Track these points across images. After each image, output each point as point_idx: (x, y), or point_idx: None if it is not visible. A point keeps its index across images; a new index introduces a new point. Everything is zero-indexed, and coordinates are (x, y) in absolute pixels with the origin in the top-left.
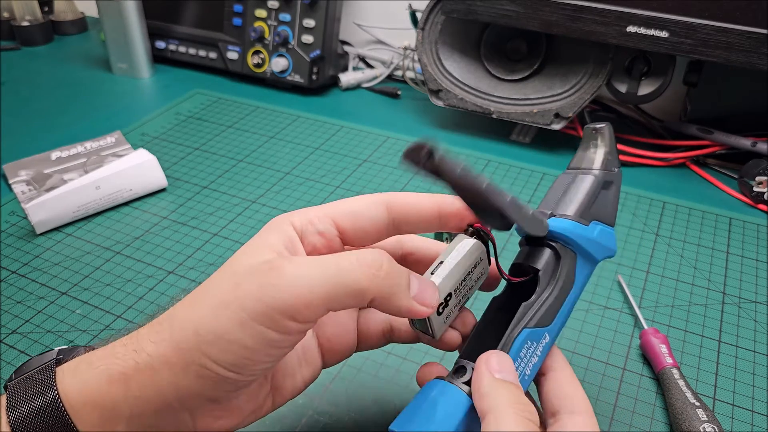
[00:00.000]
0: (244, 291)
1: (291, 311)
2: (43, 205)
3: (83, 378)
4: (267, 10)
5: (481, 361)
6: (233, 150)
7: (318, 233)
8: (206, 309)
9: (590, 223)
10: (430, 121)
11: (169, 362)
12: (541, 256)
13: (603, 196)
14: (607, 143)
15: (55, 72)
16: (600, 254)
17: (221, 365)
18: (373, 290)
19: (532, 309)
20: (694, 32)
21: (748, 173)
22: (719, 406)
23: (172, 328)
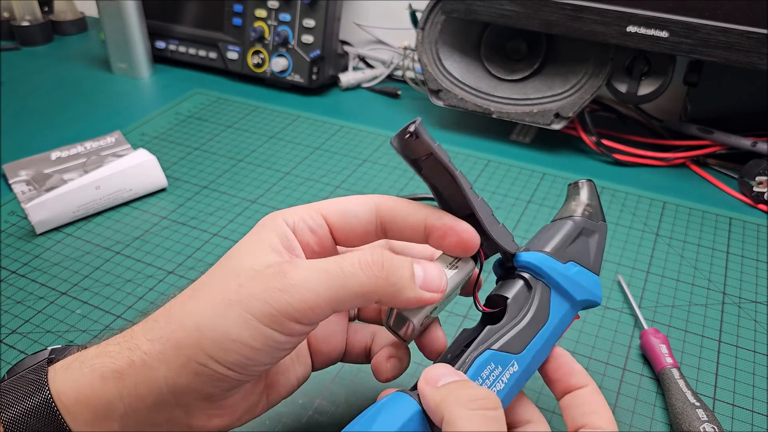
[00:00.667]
0: (248, 292)
1: (297, 315)
2: (43, 205)
3: (75, 377)
4: (267, 10)
5: (421, 382)
6: (233, 150)
7: (310, 230)
8: (208, 307)
9: (567, 262)
10: (430, 121)
11: (167, 359)
12: (512, 286)
13: (583, 242)
14: (587, 197)
15: (55, 72)
16: (580, 294)
17: (222, 364)
18: (378, 291)
19: (498, 333)
20: (694, 32)
21: (748, 173)
22: (719, 406)
23: (170, 325)
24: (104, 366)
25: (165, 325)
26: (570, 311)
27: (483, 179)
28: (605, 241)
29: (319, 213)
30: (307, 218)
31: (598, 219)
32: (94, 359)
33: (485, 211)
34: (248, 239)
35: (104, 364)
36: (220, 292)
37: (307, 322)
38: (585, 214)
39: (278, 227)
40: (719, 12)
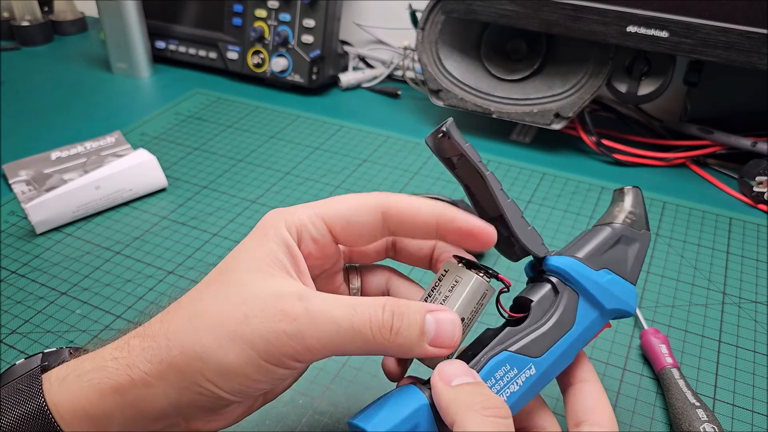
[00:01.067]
0: (253, 329)
1: (300, 357)
2: (43, 205)
3: (72, 390)
4: (267, 10)
5: (434, 377)
6: (233, 150)
7: (313, 240)
8: (210, 337)
9: (600, 269)
10: (430, 120)
11: (168, 380)
12: (539, 290)
13: (621, 249)
14: (631, 204)
15: (55, 72)
16: (610, 302)
17: (224, 390)
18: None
19: (518, 335)
20: (695, 32)
21: (748, 173)
22: (719, 406)
23: (171, 350)
24: (102, 382)
25: (165, 347)
26: (599, 319)
27: None
28: (646, 251)
29: (322, 220)
30: (310, 227)
31: (641, 228)
32: (91, 373)
33: (515, 213)
34: (252, 248)
35: (102, 380)
36: (224, 321)
37: (309, 361)
38: (627, 221)
39: (283, 237)
40: (719, 12)
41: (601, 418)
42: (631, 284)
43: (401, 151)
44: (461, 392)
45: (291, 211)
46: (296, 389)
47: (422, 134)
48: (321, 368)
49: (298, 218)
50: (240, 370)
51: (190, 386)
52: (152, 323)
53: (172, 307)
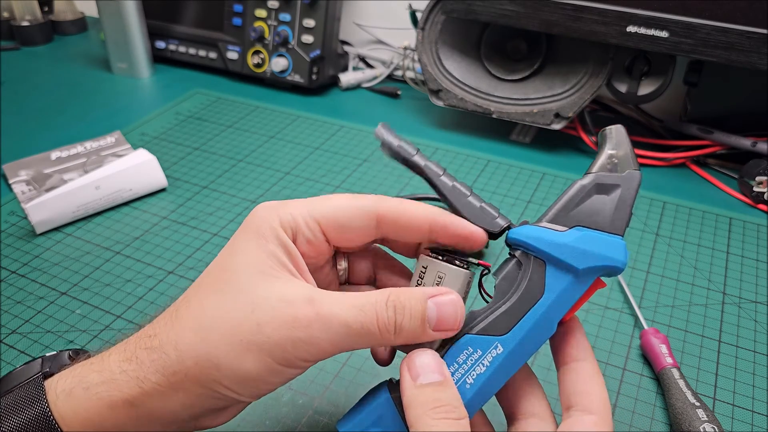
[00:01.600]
0: (268, 338)
1: (313, 359)
2: (43, 205)
3: (80, 403)
4: (267, 9)
5: (403, 367)
6: (233, 150)
7: (307, 242)
8: (224, 348)
9: (571, 228)
10: (430, 121)
11: (184, 389)
12: (503, 267)
13: (596, 200)
14: (614, 144)
15: (55, 72)
16: (583, 262)
17: (240, 394)
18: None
19: (481, 316)
20: (695, 32)
21: (748, 173)
22: (719, 406)
23: (183, 362)
24: (112, 395)
25: (176, 360)
26: (575, 283)
27: (483, 179)
28: (635, 193)
29: (316, 222)
30: (305, 229)
31: (626, 168)
32: (99, 386)
33: (459, 196)
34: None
35: (112, 394)
36: (236, 330)
37: (318, 360)
38: (607, 167)
39: (280, 238)
40: (719, 12)
41: (592, 402)
42: (614, 235)
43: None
44: (423, 395)
45: (284, 208)
46: (296, 389)
47: (422, 134)
48: (321, 368)
49: (293, 218)
50: (257, 376)
51: (208, 393)
52: (158, 333)
53: (175, 313)
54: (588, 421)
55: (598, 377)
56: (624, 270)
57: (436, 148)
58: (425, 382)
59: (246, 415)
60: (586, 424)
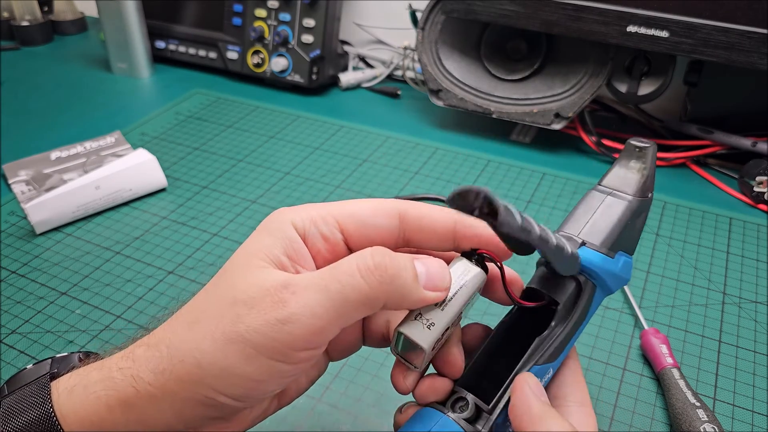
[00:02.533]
0: (248, 326)
1: (302, 343)
2: (43, 205)
3: (80, 401)
4: (267, 9)
5: (523, 383)
6: (233, 150)
7: (322, 237)
8: (208, 341)
9: (616, 254)
10: (430, 121)
11: (171, 392)
12: (564, 289)
13: (632, 225)
14: (649, 166)
15: (55, 72)
16: (616, 286)
17: (228, 396)
18: (382, 297)
19: (544, 344)
20: (695, 32)
21: (748, 173)
22: (719, 406)
23: (172, 358)
24: (109, 395)
25: (167, 357)
26: (601, 299)
27: (483, 179)
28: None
29: (335, 218)
30: (320, 223)
31: (648, 192)
32: (97, 384)
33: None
34: (248, 245)
35: (109, 392)
36: (219, 324)
37: (314, 347)
38: (641, 190)
39: (284, 232)
40: (719, 12)
41: (583, 396)
42: (629, 257)
43: (401, 151)
44: (552, 414)
45: (301, 207)
46: None
47: (422, 134)
48: None
49: (307, 214)
50: (241, 372)
51: (194, 396)
52: (157, 330)
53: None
54: (583, 412)
55: (581, 372)
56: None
57: (435, 148)
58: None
59: None
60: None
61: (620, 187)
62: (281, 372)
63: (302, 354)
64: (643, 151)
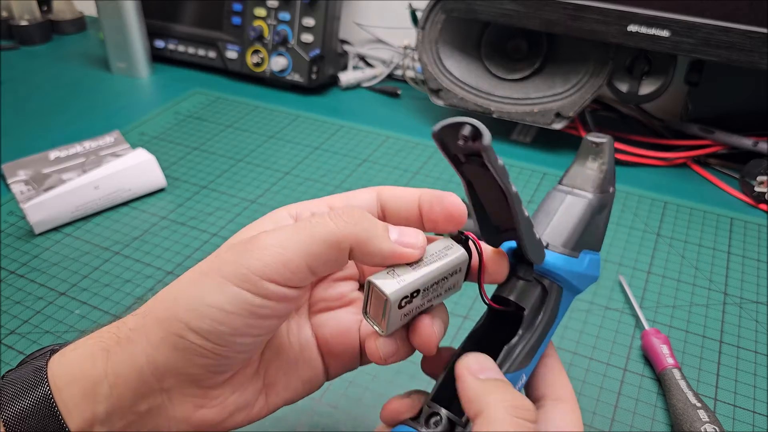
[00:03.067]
0: (222, 259)
1: (269, 272)
2: (42, 205)
3: (69, 358)
4: (266, 9)
5: (461, 367)
6: (232, 150)
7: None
8: (185, 279)
9: (580, 254)
10: (431, 120)
11: (146, 332)
12: (530, 294)
13: (595, 222)
14: (607, 161)
15: (54, 71)
16: (584, 285)
17: (198, 333)
18: (350, 238)
19: (513, 352)
20: (696, 31)
21: (749, 173)
22: (720, 406)
23: (153, 301)
24: (94, 345)
25: (150, 305)
26: (570, 301)
27: None
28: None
29: (326, 204)
30: (312, 207)
31: (609, 187)
32: (87, 341)
33: (528, 227)
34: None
35: (94, 344)
36: (199, 266)
37: (282, 281)
38: (601, 186)
39: (277, 215)
40: (720, 11)
41: (563, 392)
42: (598, 253)
43: (401, 151)
44: (491, 386)
45: (296, 203)
46: None
47: (422, 134)
48: None
49: (303, 206)
50: (211, 300)
51: (167, 336)
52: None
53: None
54: (563, 408)
55: (563, 370)
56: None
57: (436, 148)
58: (489, 377)
59: None
60: (560, 411)
61: (580, 185)
62: (252, 305)
63: (270, 285)
64: (600, 147)
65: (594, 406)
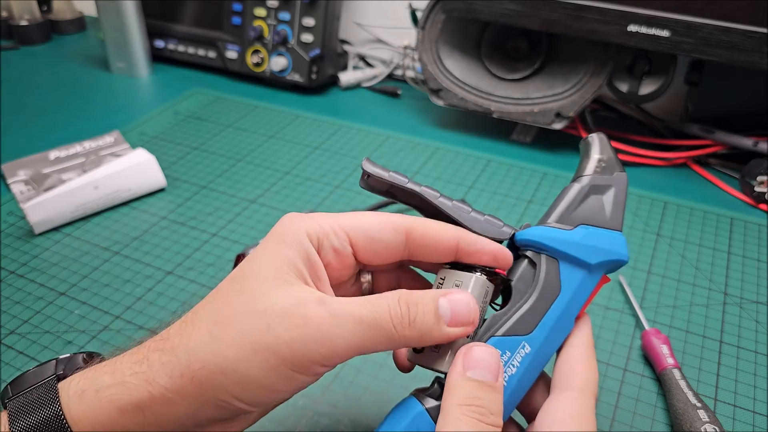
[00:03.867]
0: (277, 337)
1: (325, 361)
2: (42, 205)
3: (92, 405)
4: (266, 9)
5: (460, 353)
6: (232, 149)
7: (333, 250)
8: (233, 350)
9: (576, 227)
10: (430, 120)
11: (188, 395)
12: (517, 268)
13: (595, 200)
14: (599, 150)
15: (54, 71)
16: (594, 257)
17: (245, 402)
18: (405, 341)
19: (504, 318)
20: (696, 31)
21: (749, 173)
22: (720, 406)
23: (191, 363)
24: (122, 399)
25: (186, 362)
26: (588, 277)
27: (483, 179)
28: (625, 192)
29: (345, 232)
30: (332, 236)
31: (614, 171)
32: (110, 389)
33: (463, 213)
34: (270, 255)
35: (122, 397)
36: (246, 332)
37: (332, 364)
38: (597, 170)
39: (302, 245)
40: (720, 11)
41: (572, 381)
42: (616, 232)
43: (401, 151)
44: (465, 387)
45: (312, 217)
46: None
47: (422, 134)
48: None
49: (319, 226)
50: (263, 381)
51: (211, 400)
52: (171, 336)
53: (190, 318)
54: (564, 398)
55: (588, 360)
56: (626, 264)
57: (436, 147)
58: (475, 377)
59: None
60: (561, 401)
61: (577, 175)
62: (300, 383)
63: (322, 369)
64: (588, 140)
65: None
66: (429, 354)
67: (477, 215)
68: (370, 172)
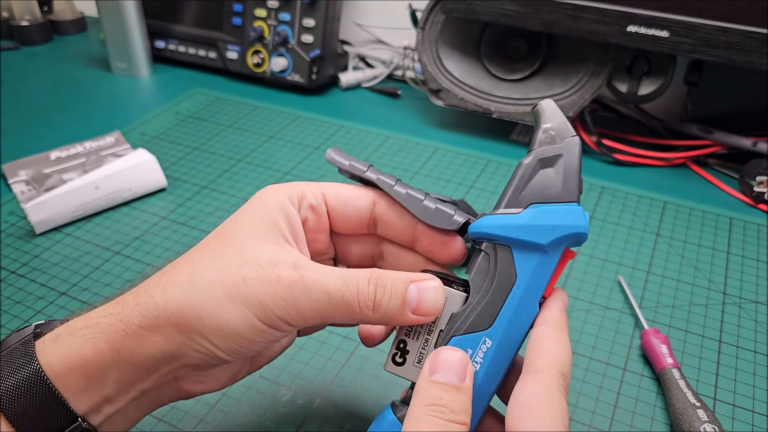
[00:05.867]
0: (252, 291)
1: (293, 321)
2: (43, 205)
3: (66, 346)
4: (267, 9)
5: (428, 359)
6: (233, 150)
7: (311, 208)
8: (208, 295)
9: (526, 207)
10: (430, 120)
11: (165, 334)
12: (473, 263)
13: (543, 175)
14: (546, 119)
15: (55, 71)
16: (544, 237)
17: (219, 348)
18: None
19: (463, 316)
20: (695, 32)
21: (748, 173)
22: (720, 406)
23: (166, 304)
24: (96, 337)
25: (161, 303)
26: (544, 259)
27: (483, 179)
28: (578, 158)
29: (321, 193)
30: (309, 195)
31: (563, 138)
32: (84, 330)
33: (414, 203)
34: (252, 215)
35: (95, 335)
36: (223, 280)
37: (299, 326)
38: (545, 141)
39: (283, 206)
40: (720, 11)
41: (539, 362)
42: (569, 204)
43: (401, 151)
44: (429, 387)
45: (292, 184)
46: (296, 389)
47: (422, 134)
48: (321, 369)
49: (299, 188)
50: (238, 330)
51: (186, 341)
52: (147, 281)
53: (168, 268)
54: (528, 380)
55: (553, 337)
56: (587, 235)
57: (436, 148)
58: (439, 380)
59: (245, 415)
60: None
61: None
62: (269, 336)
63: (288, 327)
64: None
65: (593, 406)
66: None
67: (429, 204)
68: (330, 160)
